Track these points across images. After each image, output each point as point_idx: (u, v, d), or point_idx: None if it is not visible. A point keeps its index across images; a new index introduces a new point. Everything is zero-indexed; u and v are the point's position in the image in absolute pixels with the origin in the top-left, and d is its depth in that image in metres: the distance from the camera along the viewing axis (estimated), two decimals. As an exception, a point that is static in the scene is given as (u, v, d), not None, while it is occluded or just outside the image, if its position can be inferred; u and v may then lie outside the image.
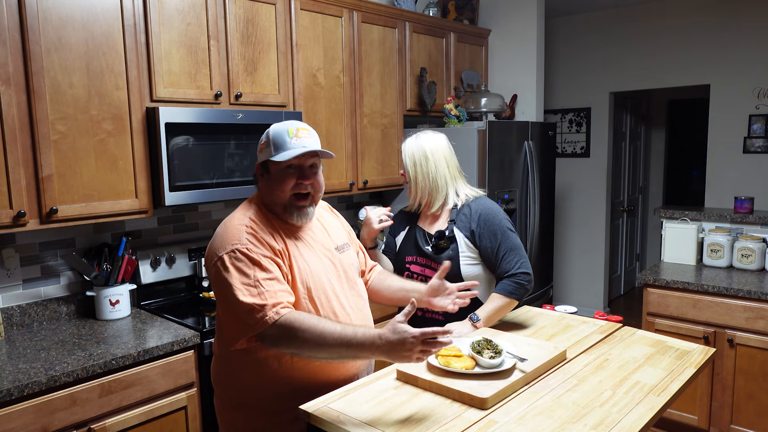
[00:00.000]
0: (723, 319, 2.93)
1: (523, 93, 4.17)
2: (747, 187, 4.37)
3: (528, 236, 3.63)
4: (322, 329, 1.39)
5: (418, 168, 2.06)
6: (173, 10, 2.36)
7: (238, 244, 1.46)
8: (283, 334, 1.40)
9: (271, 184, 1.57)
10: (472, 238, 2.02)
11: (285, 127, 1.56)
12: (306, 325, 1.39)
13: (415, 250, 2.10)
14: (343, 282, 1.65)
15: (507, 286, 1.96)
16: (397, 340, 1.30)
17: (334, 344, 1.37)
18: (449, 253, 2.02)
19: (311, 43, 2.92)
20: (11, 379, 1.79)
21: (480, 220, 2.02)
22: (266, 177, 1.58)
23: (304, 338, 1.38)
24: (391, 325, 1.33)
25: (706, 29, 4.52)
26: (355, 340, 1.36)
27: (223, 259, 1.46)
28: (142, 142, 2.30)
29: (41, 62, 2.01)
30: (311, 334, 1.38)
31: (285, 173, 1.54)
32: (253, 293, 1.42)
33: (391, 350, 1.32)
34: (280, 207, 1.57)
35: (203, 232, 2.91)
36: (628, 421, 1.34)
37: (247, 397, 1.57)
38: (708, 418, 3.03)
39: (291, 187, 1.55)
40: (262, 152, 1.58)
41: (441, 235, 2.03)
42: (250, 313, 1.41)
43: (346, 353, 1.40)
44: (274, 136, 1.55)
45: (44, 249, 2.38)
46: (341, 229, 1.78)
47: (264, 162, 1.57)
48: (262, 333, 1.42)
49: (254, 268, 1.44)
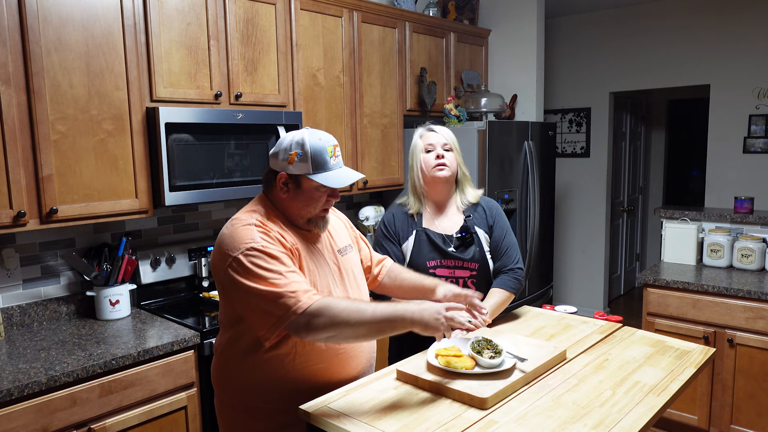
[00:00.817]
0: (723, 319, 2.93)
1: (523, 93, 4.17)
2: (747, 187, 4.37)
3: (528, 236, 3.63)
4: (357, 305, 1.40)
5: (460, 158, 2.07)
6: (173, 10, 2.36)
7: (253, 243, 1.43)
8: (320, 318, 1.37)
9: (299, 199, 1.53)
10: (490, 233, 2.07)
11: (324, 145, 1.51)
12: (342, 305, 1.39)
13: (436, 254, 2.02)
14: (347, 285, 1.65)
15: (507, 281, 2.03)
16: (435, 312, 1.40)
17: (373, 318, 1.39)
18: (474, 248, 2.03)
19: (311, 43, 2.92)
20: (11, 379, 1.79)
21: (494, 214, 2.10)
22: (294, 190, 1.53)
23: (343, 317, 1.37)
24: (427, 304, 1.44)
25: (706, 29, 4.52)
26: (394, 311, 1.40)
27: (238, 259, 1.41)
28: (142, 142, 2.30)
29: (41, 62, 2.01)
30: (350, 311, 1.38)
31: (319, 192, 1.53)
32: (278, 284, 1.38)
33: (427, 322, 1.40)
34: (303, 220, 1.57)
35: (203, 232, 2.91)
36: (628, 421, 1.34)
37: (248, 397, 1.56)
38: (708, 418, 3.03)
39: (322, 205, 1.55)
40: (294, 165, 1.49)
41: (466, 229, 2.03)
42: (279, 303, 1.37)
43: (386, 325, 1.41)
44: (315, 153, 1.49)
45: (44, 249, 2.38)
46: (344, 229, 1.78)
47: (295, 175, 1.52)
48: (294, 322, 1.37)
49: (274, 262, 1.41)
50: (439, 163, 2.00)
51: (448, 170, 2.01)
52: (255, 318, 1.45)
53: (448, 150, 2.04)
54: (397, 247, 2.07)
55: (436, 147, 2.02)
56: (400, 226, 2.08)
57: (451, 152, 2.04)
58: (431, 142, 2.04)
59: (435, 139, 2.04)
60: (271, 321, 1.40)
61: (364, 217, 3.46)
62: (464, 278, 2.02)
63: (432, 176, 2.02)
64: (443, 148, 2.03)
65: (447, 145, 2.04)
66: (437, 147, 2.02)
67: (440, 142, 2.03)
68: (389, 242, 2.07)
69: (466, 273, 2.02)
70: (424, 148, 2.04)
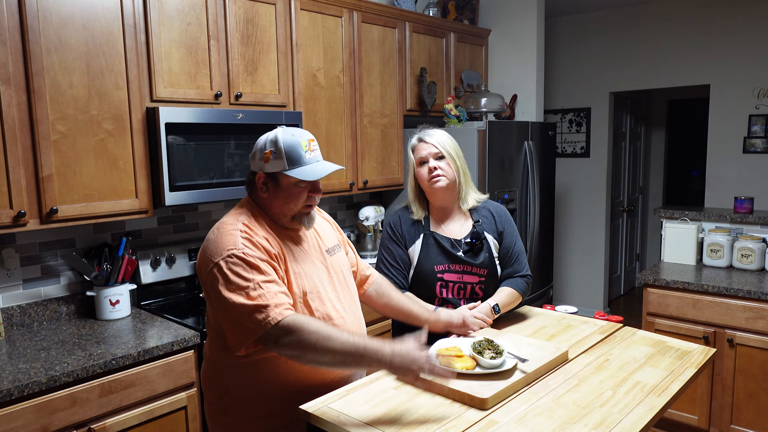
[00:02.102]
0: (723, 319, 2.93)
1: (523, 93, 4.17)
2: (747, 187, 4.37)
3: (528, 236, 3.63)
4: (329, 332, 1.38)
5: (459, 161, 2.01)
6: (173, 10, 2.36)
7: (234, 249, 1.42)
8: (288, 336, 1.36)
9: (279, 197, 1.53)
10: (500, 238, 2.06)
11: (297, 140, 1.51)
12: (312, 327, 1.37)
13: (444, 258, 2.00)
14: (336, 285, 1.64)
15: (520, 284, 2.04)
16: (410, 360, 1.35)
17: (341, 349, 1.36)
18: (485, 254, 2.01)
19: (311, 43, 2.92)
20: (11, 379, 1.79)
21: (503, 221, 2.08)
22: (273, 189, 1.53)
23: (309, 340, 1.36)
24: (405, 346, 1.36)
25: (706, 29, 4.52)
26: (364, 348, 1.36)
27: (219, 265, 1.42)
28: (142, 142, 2.30)
29: (41, 62, 2.01)
30: (318, 336, 1.36)
31: (299, 188, 1.52)
32: (253, 296, 1.39)
33: (398, 368, 1.36)
34: (287, 218, 1.56)
35: (203, 232, 2.90)
36: (628, 421, 1.34)
37: (241, 402, 1.54)
38: (708, 418, 3.03)
39: (304, 200, 1.54)
40: (270, 163, 1.50)
41: (477, 236, 2.01)
42: (252, 315, 1.38)
43: (350, 360, 1.38)
44: (288, 149, 1.49)
45: (44, 249, 2.38)
46: (331, 230, 1.77)
47: (272, 173, 1.52)
48: (265, 335, 1.38)
49: (252, 272, 1.41)
50: (434, 175, 1.96)
51: (445, 180, 1.97)
52: (228, 326, 1.44)
53: (440, 158, 1.98)
54: (403, 250, 2.04)
55: (428, 159, 1.98)
56: (406, 229, 2.05)
57: (444, 159, 1.98)
58: (422, 155, 1.99)
59: (426, 150, 1.99)
60: (240, 331, 1.40)
61: (364, 217, 3.46)
62: (473, 284, 2.00)
63: (431, 188, 2.00)
64: (435, 158, 1.98)
65: (439, 153, 1.98)
66: (429, 159, 1.98)
67: (432, 153, 1.98)
68: (395, 245, 2.04)
69: (474, 279, 2.00)
70: (417, 161, 2.01)
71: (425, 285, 2.00)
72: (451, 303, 1.99)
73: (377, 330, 2.91)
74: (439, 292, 1.99)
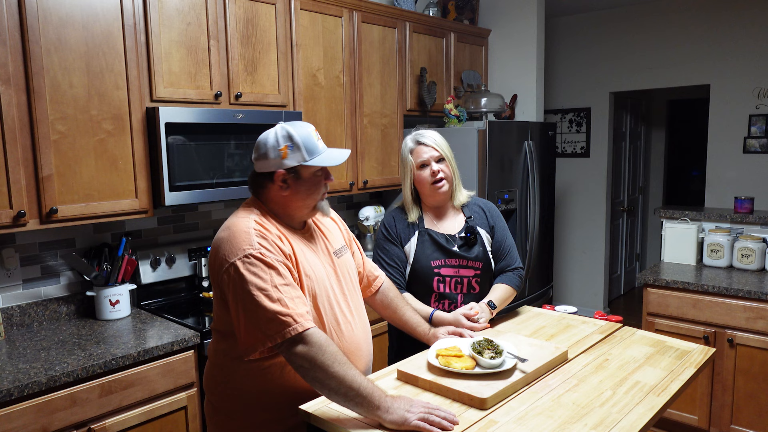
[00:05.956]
0: (723, 319, 2.93)
1: (523, 93, 4.17)
2: (747, 187, 4.37)
3: (528, 236, 3.63)
4: (344, 360, 1.35)
5: (453, 161, 2.03)
6: (173, 10, 2.36)
7: (251, 249, 1.39)
8: (305, 347, 1.34)
9: (302, 190, 1.52)
10: (491, 233, 2.09)
11: (307, 130, 1.52)
12: (332, 349, 1.35)
13: (440, 254, 2.00)
14: (344, 287, 1.63)
15: (513, 278, 2.08)
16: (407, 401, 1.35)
17: (352, 383, 1.32)
18: (479, 248, 2.03)
19: (311, 43, 2.92)
20: (11, 379, 1.79)
21: (494, 216, 2.12)
22: (294, 183, 1.51)
23: (324, 359, 1.33)
24: (407, 402, 1.34)
25: (706, 29, 4.52)
26: (371, 391, 1.33)
27: (236, 265, 1.38)
28: (142, 142, 2.30)
29: (41, 62, 2.01)
30: (333, 359, 1.34)
31: (317, 177, 1.54)
32: (272, 300, 1.35)
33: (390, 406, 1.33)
34: (309, 210, 1.56)
35: (203, 232, 2.91)
36: (628, 421, 1.34)
37: (245, 406, 1.53)
38: (708, 418, 3.03)
39: (322, 188, 1.57)
40: (289, 158, 1.48)
41: (471, 230, 2.03)
42: (271, 322, 1.34)
43: (352, 394, 1.33)
44: (305, 140, 1.49)
45: (44, 249, 2.38)
46: (337, 231, 1.76)
47: (293, 168, 1.50)
48: (282, 342, 1.35)
49: (270, 273, 1.38)
50: (437, 179, 1.97)
51: (447, 184, 1.99)
52: (242, 330, 1.40)
53: (441, 160, 1.99)
54: (399, 248, 2.04)
55: (430, 162, 1.97)
56: (401, 228, 2.06)
57: (444, 161, 1.99)
58: (424, 158, 1.97)
59: (427, 153, 1.97)
60: (259, 337, 1.37)
61: (364, 217, 3.46)
62: (469, 277, 2.02)
63: (433, 192, 2.00)
64: (437, 162, 1.98)
65: (439, 155, 1.98)
66: (431, 162, 1.97)
67: (433, 156, 1.97)
68: (391, 244, 2.04)
69: (470, 272, 2.02)
70: (417, 164, 1.99)
71: (422, 281, 2.01)
72: (448, 298, 2.00)
73: (377, 330, 2.91)
74: (436, 287, 2.00)
